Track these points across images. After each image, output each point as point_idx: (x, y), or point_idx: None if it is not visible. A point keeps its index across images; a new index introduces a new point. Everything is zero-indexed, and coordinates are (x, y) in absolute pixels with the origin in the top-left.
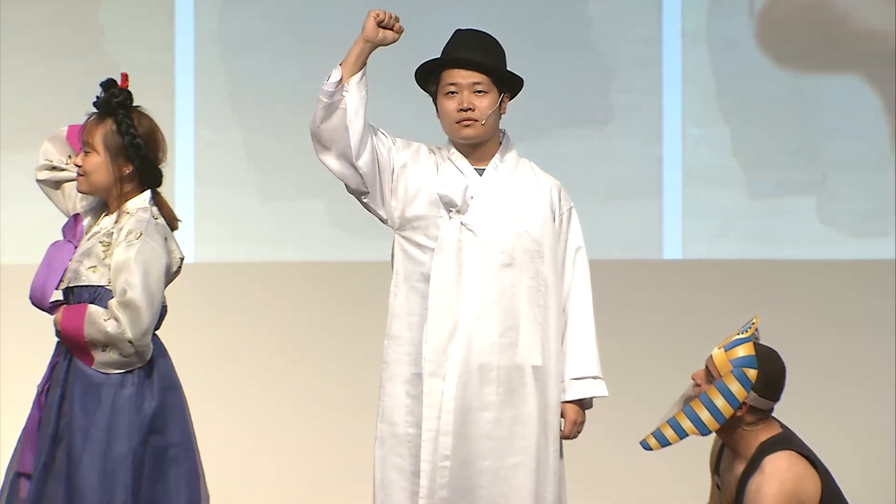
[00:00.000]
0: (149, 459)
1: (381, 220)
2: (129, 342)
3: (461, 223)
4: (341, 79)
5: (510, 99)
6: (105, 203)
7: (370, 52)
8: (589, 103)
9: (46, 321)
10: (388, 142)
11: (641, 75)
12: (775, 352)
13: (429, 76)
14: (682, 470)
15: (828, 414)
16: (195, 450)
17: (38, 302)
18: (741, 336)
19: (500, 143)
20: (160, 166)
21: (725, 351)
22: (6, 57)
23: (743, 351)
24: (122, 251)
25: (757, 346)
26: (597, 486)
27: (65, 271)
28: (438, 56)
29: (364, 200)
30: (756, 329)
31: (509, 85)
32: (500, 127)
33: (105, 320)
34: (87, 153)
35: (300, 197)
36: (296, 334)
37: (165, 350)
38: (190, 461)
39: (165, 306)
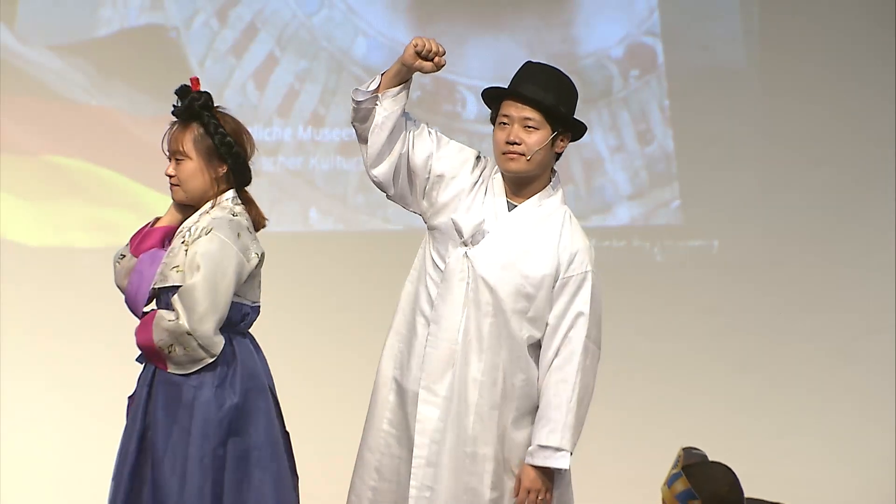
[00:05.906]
0: (231, 462)
1: (414, 213)
2: (188, 334)
3: (465, 254)
4: (378, 87)
5: (571, 140)
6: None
7: (408, 75)
8: None
9: (47, 322)
10: (430, 146)
11: None
12: (713, 469)
13: (492, 103)
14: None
15: None
16: (283, 454)
17: (133, 312)
18: (674, 472)
19: (549, 184)
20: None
21: (668, 487)
22: None
23: (681, 485)
24: (193, 247)
25: (690, 476)
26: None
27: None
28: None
29: (388, 196)
30: (682, 458)
31: (568, 125)
32: (554, 168)
33: (168, 320)
34: (179, 161)
35: None
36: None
37: (255, 351)
38: (277, 464)
39: (257, 306)
